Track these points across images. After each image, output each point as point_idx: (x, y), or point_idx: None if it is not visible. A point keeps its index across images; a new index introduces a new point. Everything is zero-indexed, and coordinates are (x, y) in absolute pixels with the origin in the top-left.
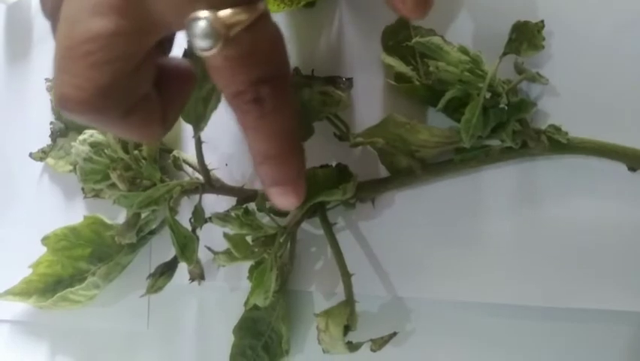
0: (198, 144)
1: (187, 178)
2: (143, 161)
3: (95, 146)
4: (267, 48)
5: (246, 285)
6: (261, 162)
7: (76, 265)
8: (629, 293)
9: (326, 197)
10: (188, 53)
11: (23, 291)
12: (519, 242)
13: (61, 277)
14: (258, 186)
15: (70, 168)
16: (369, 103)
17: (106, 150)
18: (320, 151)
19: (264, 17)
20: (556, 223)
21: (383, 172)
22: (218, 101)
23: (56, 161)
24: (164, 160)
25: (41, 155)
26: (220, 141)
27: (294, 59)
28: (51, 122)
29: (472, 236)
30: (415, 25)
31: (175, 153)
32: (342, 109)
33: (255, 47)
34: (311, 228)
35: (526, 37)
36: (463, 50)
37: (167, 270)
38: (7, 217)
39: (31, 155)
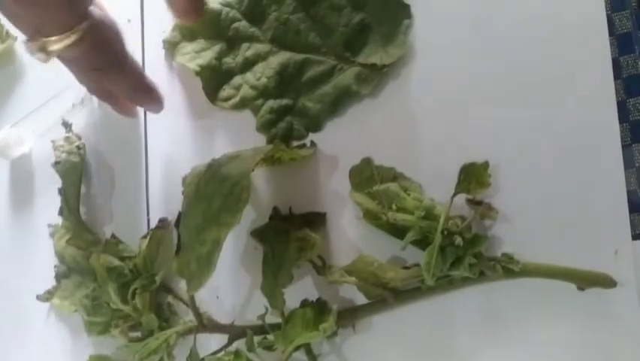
0: (192, 298)
1: (181, 320)
2: (140, 309)
3: (96, 299)
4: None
5: None
6: None
7: None
8: None
9: (307, 339)
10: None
11: None
12: (486, 356)
13: None
14: (247, 319)
15: (75, 308)
16: (342, 236)
17: (107, 303)
18: (301, 283)
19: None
20: (516, 339)
21: (361, 297)
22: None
23: (61, 301)
24: (162, 298)
25: (47, 296)
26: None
27: (273, 198)
28: (55, 266)
29: (443, 352)
30: (377, 165)
31: (169, 299)
32: (317, 253)
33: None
34: (298, 354)
35: (473, 176)
36: (417, 199)
37: None
38: (17, 358)
39: (38, 297)
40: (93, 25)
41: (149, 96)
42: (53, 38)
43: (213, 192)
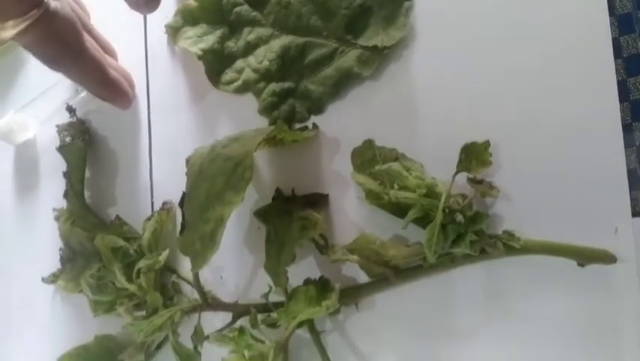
0: (196, 276)
1: (185, 299)
2: (145, 288)
3: (101, 279)
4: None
5: None
6: None
7: None
8: None
9: (310, 315)
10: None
11: None
12: (489, 333)
13: None
14: (251, 298)
15: (80, 288)
16: (345, 216)
17: (112, 282)
18: (304, 262)
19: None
20: (517, 315)
21: (363, 276)
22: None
23: (66, 283)
24: (166, 278)
25: (52, 278)
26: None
27: (276, 179)
28: (60, 249)
29: (445, 329)
30: (379, 146)
31: (174, 278)
32: (319, 232)
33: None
34: (301, 332)
35: (474, 155)
36: (419, 177)
37: None
38: (23, 339)
39: (43, 279)
40: (45, 15)
41: (113, 91)
42: (5, 24)
43: (216, 172)
